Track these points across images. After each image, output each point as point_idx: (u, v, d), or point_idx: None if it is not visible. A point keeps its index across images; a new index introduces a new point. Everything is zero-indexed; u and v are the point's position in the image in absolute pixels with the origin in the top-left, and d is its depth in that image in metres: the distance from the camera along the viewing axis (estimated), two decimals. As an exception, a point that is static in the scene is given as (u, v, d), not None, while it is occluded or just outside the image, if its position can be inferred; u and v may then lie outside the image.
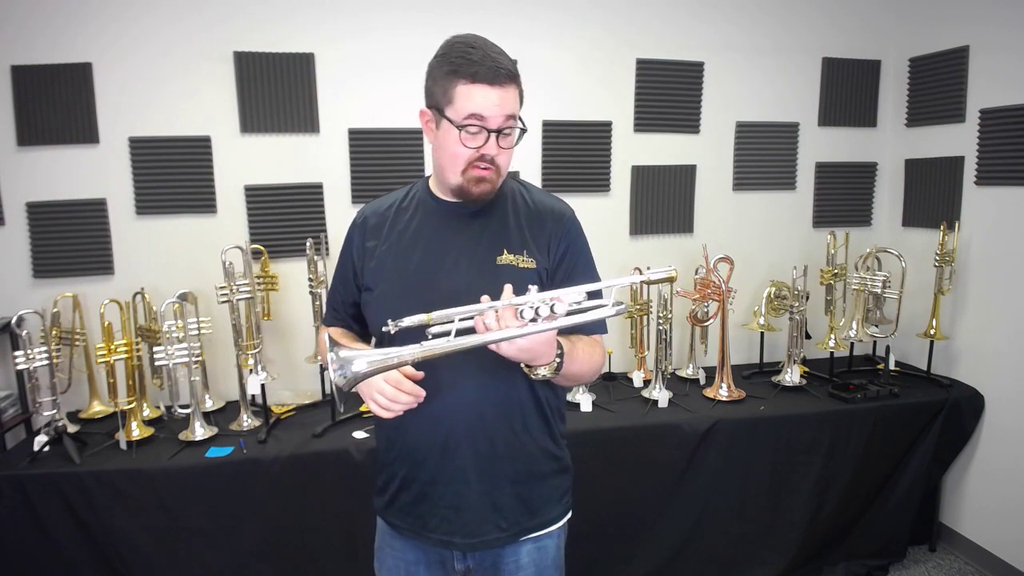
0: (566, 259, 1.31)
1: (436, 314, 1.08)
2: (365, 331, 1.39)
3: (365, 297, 1.31)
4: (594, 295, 1.27)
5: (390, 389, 1.13)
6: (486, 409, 1.24)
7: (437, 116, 1.21)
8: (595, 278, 1.31)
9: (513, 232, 1.28)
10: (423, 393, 1.15)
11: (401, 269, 1.27)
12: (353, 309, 1.37)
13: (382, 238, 1.30)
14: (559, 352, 1.15)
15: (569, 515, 1.39)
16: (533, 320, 1.05)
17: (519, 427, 1.27)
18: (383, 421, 1.25)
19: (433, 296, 1.18)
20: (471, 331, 1.09)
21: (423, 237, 1.28)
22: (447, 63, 1.18)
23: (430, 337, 1.09)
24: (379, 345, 1.27)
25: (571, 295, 1.09)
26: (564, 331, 1.16)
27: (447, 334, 1.08)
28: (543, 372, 1.15)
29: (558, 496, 1.35)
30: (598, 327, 1.34)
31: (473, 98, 1.15)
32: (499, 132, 1.18)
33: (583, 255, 1.34)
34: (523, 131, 1.22)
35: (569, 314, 1.08)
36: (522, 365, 1.15)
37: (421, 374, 1.17)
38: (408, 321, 1.07)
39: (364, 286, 1.31)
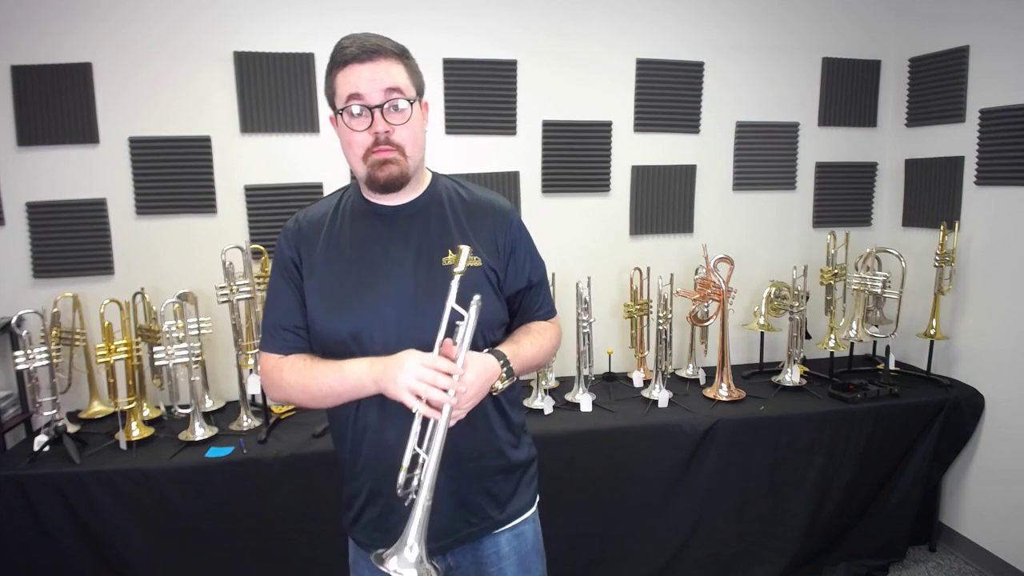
0: (514, 256, 1.32)
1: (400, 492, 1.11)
2: (309, 347, 1.29)
3: (308, 312, 1.24)
4: (538, 286, 1.35)
5: (430, 372, 1.08)
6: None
7: (335, 113, 1.21)
8: (543, 270, 1.38)
9: (454, 230, 1.26)
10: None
11: (341, 280, 1.22)
12: (305, 324, 1.26)
13: (319, 247, 1.25)
14: (503, 365, 1.20)
15: (538, 499, 1.39)
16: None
17: (480, 425, 1.25)
18: (344, 438, 1.26)
19: (374, 305, 1.19)
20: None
21: (364, 244, 1.24)
22: (329, 62, 1.19)
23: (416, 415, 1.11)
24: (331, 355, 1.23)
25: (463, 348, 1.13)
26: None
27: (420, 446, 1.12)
28: (500, 386, 1.20)
29: (525, 485, 1.35)
30: (549, 312, 1.40)
31: (348, 79, 1.15)
32: (382, 107, 1.15)
33: (532, 253, 1.36)
34: (411, 101, 1.17)
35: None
36: None
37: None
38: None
39: (307, 301, 1.24)
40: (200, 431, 2.20)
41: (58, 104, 2.40)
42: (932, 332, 2.71)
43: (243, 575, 2.13)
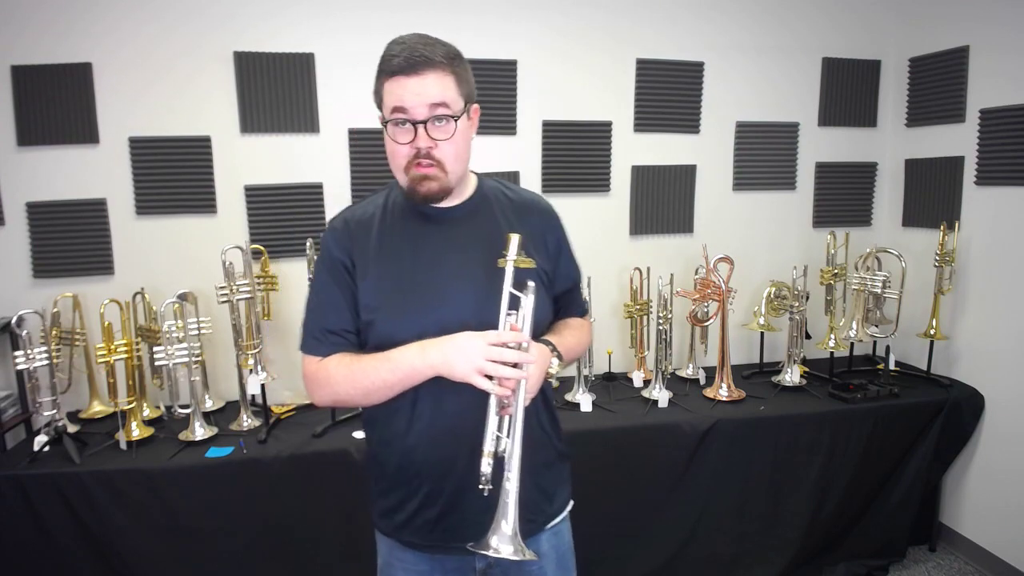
0: (561, 257, 1.34)
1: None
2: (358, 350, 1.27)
3: (364, 316, 1.21)
4: (578, 285, 1.39)
5: (493, 349, 1.09)
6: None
7: (382, 121, 1.20)
8: (578, 272, 1.41)
9: (505, 231, 1.24)
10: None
11: (402, 284, 1.20)
12: (356, 327, 1.23)
13: (371, 248, 1.22)
14: (553, 351, 1.24)
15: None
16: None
17: (532, 421, 1.24)
18: (390, 443, 1.24)
19: (444, 308, 1.18)
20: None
21: (419, 246, 1.22)
22: (377, 67, 1.17)
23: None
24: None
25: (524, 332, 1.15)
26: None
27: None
28: (554, 372, 1.23)
29: (564, 480, 1.37)
30: (584, 310, 1.45)
31: (393, 91, 1.13)
32: (426, 123, 1.13)
33: (572, 253, 1.39)
34: (455, 119, 1.15)
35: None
36: None
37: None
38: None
39: (363, 303, 1.21)
40: (200, 431, 2.20)
41: (58, 104, 2.39)
42: (932, 332, 2.71)
43: (243, 575, 2.12)
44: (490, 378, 1.09)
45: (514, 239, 1.15)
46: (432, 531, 1.24)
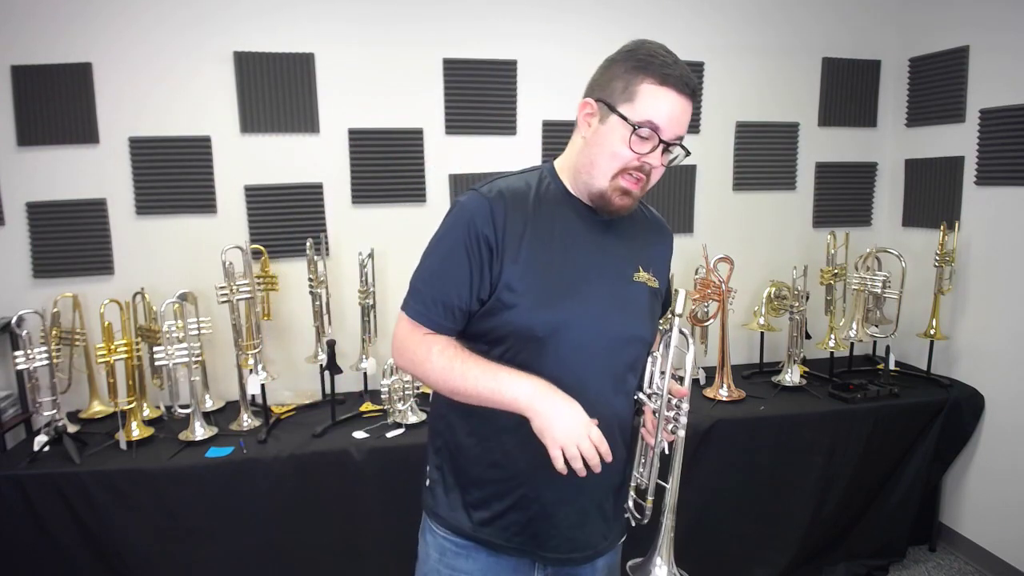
0: (669, 283, 1.37)
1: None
2: (459, 332, 1.21)
3: (504, 297, 1.13)
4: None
5: (587, 444, 1.06)
6: (615, 427, 1.21)
7: (605, 110, 1.12)
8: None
9: (642, 247, 1.25)
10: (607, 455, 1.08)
11: (551, 275, 1.15)
12: (470, 308, 1.16)
13: (524, 228, 1.15)
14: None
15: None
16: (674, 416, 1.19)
17: (618, 439, 1.24)
18: (488, 437, 1.20)
19: (577, 307, 1.15)
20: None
21: (569, 240, 1.18)
22: (634, 59, 1.10)
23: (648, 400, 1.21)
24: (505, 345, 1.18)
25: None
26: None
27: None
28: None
29: (624, 499, 1.34)
30: None
31: (657, 101, 1.08)
32: (669, 146, 1.11)
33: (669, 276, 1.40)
34: (687, 153, 1.16)
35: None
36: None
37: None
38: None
39: (504, 284, 1.13)
40: (200, 431, 2.20)
41: (58, 104, 2.39)
42: (932, 332, 2.71)
43: (243, 575, 2.12)
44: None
45: (682, 294, 1.16)
46: (519, 534, 1.21)
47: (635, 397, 1.24)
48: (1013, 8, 2.50)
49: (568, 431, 1.05)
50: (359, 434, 2.23)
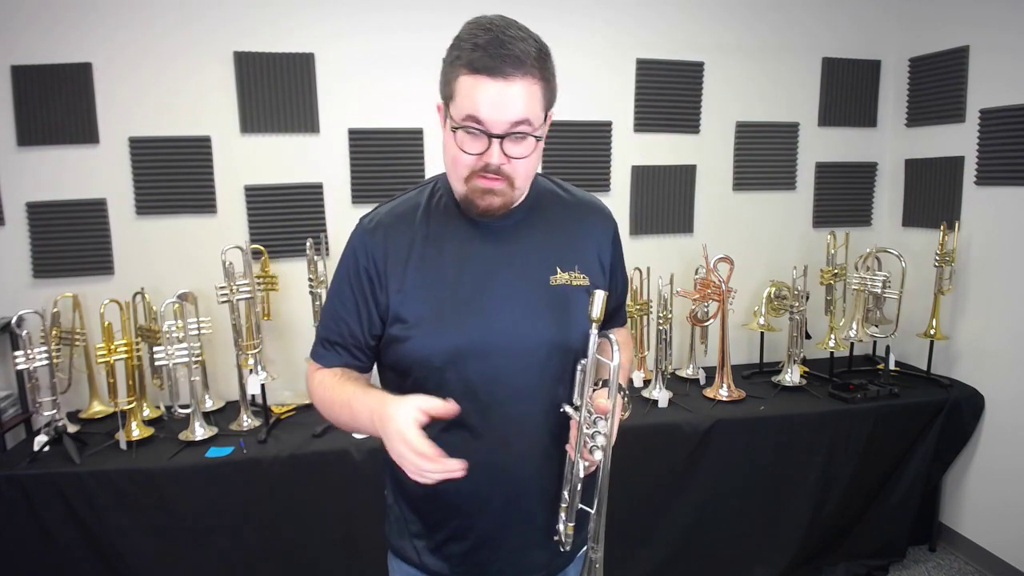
0: (615, 275, 1.21)
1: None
2: (368, 365, 1.16)
3: (395, 330, 1.07)
4: (622, 304, 1.27)
5: (412, 458, 0.91)
6: (549, 444, 1.11)
7: (444, 110, 1.03)
8: (627, 283, 1.29)
9: (561, 242, 1.13)
10: (457, 467, 0.93)
11: (443, 299, 1.06)
12: (366, 343, 1.11)
13: (409, 253, 1.08)
14: (624, 396, 1.13)
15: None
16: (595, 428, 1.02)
17: (564, 447, 1.12)
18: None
19: (478, 327, 1.06)
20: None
21: (463, 253, 1.08)
22: (454, 48, 0.99)
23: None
24: (397, 387, 1.08)
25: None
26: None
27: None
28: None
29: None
30: (624, 318, 1.35)
31: (471, 94, 0.96)
32: (503, 138, 0.98)
33: (623, 262, 1.25)
34: (538, 138, 1.01)
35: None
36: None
37: (454, 410, 0.96)
38: None
39: (393, 316, 1.07)
40: (200, 431, 2.20)
41: (58, 104, 2.39)
42: (932, 332, 2.71)
43: (243, 575, 2.12)
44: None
45: (598, 296, 0.97)
46: (462, 563, 1.16)
47: (561, 409, 1.07)
48: (1013, 8, 2.50)
49: (392, 450, 0.94)
50: (359, 434, 2.23)
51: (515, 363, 1.07)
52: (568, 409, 1.06)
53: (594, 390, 1.02)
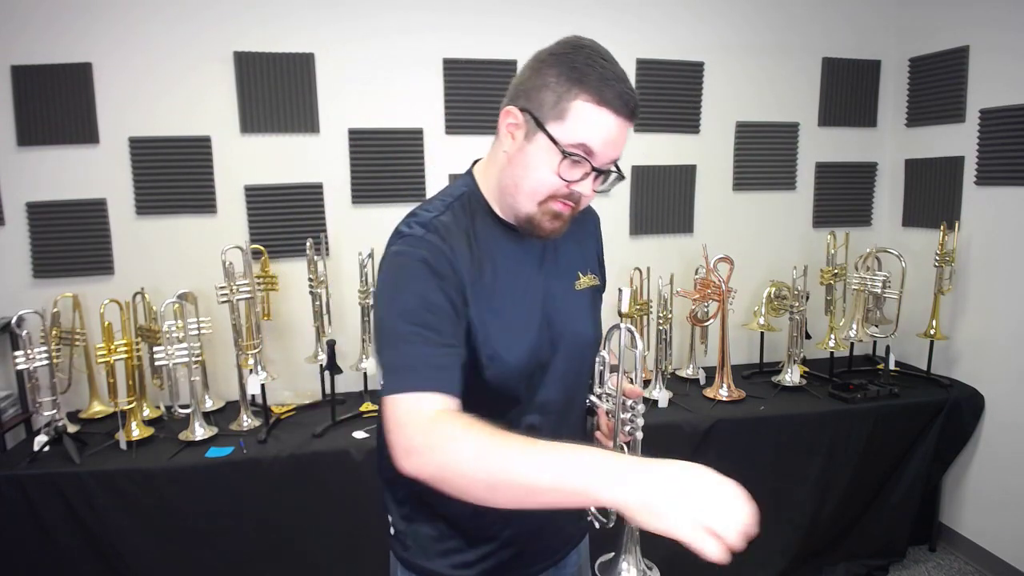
0: (601, 266, 1.28)
1: None
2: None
3: (482, 358, 1.01)
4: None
5: (743, 515, 0.83)
6: (581, 438, 1.18)
7: (532, 125, 0.96)
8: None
9: (577, 250, 1.17)
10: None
11: (509, 306, 1.04)
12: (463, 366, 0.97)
13: (482, 269, 1.03)
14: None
15: None
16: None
17: (590, 436, 1.22)
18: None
19: (541, 329, 1.08)
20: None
21: (509, 266, 1.06)
22: (569, 67, 0.93)
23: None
24: (482, 406, 0.92)
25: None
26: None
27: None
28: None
29: None
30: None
31: (593, 124, 0.93)
32: (600, 173, 0.98)
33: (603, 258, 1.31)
34: (620, 178, 1.03)
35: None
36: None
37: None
38: None
39: (472, 337, 1.01)
40: (200, 431, 2.20)
41: (58, 104, 2.39)
42: (932, 332, 2.71)
43: (243, 575, 2.12)
44: None
45: (625, 293, 1.10)
46: (510, 568, 1.17)
47: (587, 400, 1.17)
48: (1013, 8, 2.50)
49: (714, 509, 0.82)
50: (359, 434, 2.23)
51: (574, 366, 1.13)
52: (594, 399, 1.14)
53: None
